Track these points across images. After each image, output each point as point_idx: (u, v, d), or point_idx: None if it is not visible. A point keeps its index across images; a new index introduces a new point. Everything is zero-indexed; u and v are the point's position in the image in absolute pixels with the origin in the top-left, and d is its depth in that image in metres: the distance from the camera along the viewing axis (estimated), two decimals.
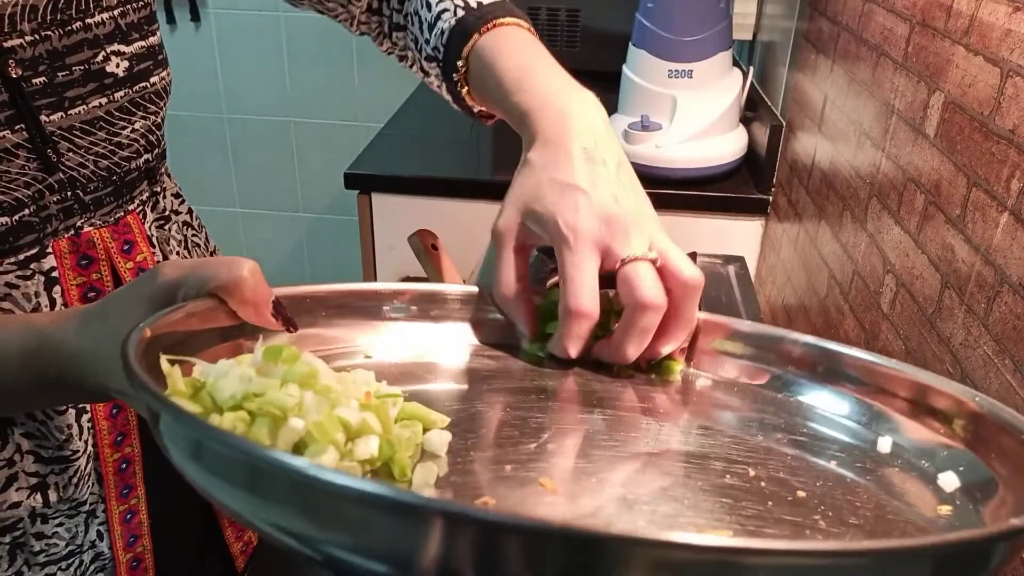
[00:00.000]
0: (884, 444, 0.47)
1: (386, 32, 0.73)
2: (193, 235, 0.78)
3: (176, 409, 0.33)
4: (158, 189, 0.72)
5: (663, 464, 0.44)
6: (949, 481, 0.43)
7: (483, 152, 1.69)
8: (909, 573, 0.29)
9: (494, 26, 0.62)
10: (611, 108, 1.52)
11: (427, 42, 0.67)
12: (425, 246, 0.75)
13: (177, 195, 0.76)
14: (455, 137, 1.72)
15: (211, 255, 0.81)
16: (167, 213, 0.73)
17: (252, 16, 2.66)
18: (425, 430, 0.43)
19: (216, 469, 0.33)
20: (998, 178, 0.64)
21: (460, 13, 0.64)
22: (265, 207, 2.98)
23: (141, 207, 0.68)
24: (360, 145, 1.62)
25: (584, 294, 0.49)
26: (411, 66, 0.73)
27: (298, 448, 0.37)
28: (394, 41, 0.73)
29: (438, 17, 0.65)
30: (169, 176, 0.76)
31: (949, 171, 0.73)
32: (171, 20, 2.66)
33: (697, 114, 1.40)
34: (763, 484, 0.42)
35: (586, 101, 0.55)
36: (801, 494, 0.42)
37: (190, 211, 0.78)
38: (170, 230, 0.73)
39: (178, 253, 0.74)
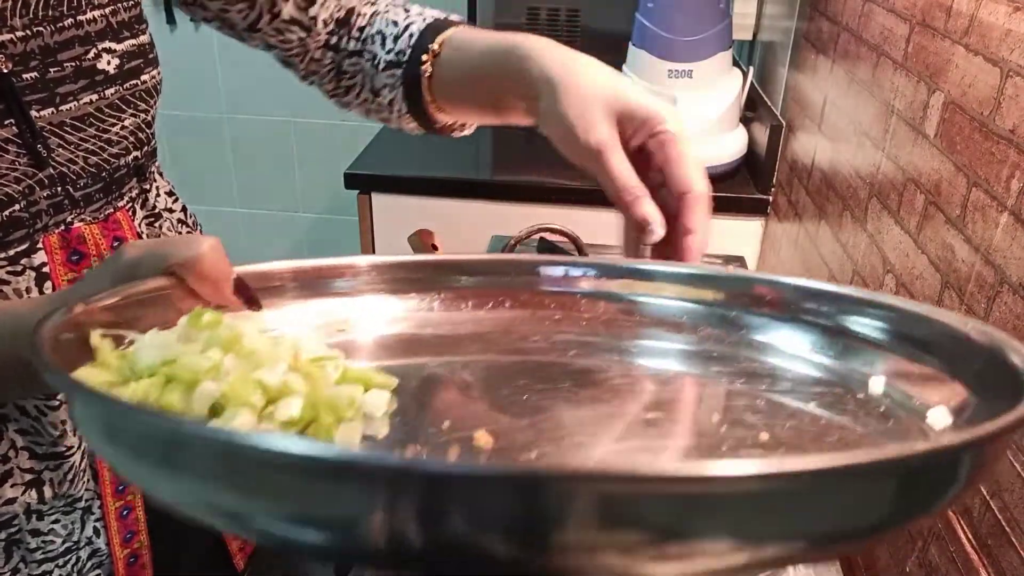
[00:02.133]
0: (876, 384, 0.44)
1: (337, 66, 0.74)
2: (188, 233, 0.78)
3: (73, 383, 0.32)
4: (147, 187, 0.72)
5: (618, 413, 0.44)
6: (939, 418, 0.40)
7: (483, 152, 1.69)
8: (865, 489, 0.28)
9: (465, 26, 0.68)
10: None
11: (389, 51, 0.69)
12: (425, 246, 0.75)
13: (171, 193, 0.76)
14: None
15: None
16: (158, 211, 0.73)
17: None
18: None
19: (123, 441, 0.31)
20: (998, 178, 0.64)
21: (431, 20, 0.69)
22: (265, 207, 2.97)
23: (131, 204, 0.69)
24: (360, 145, 1.62)
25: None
26: (358, 94, 0.74)
27: (216, 412, 0.36)
28: (344, 70, 0.74)
29: (405, 28, 0.69)
30: (161, 175, 0.76)
31: (949, 171, 0.73)
32: (171, 20, 2.66)
33: (697, 114, 1.40)
34: (724, 429, 0.41)
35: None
36: (764, 436, 0.40)
37: (184, 209, 0.78)
38: (161, 228, 0.73)
39: None
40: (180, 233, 0.77)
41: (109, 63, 0.62)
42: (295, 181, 2.92)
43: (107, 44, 0.62)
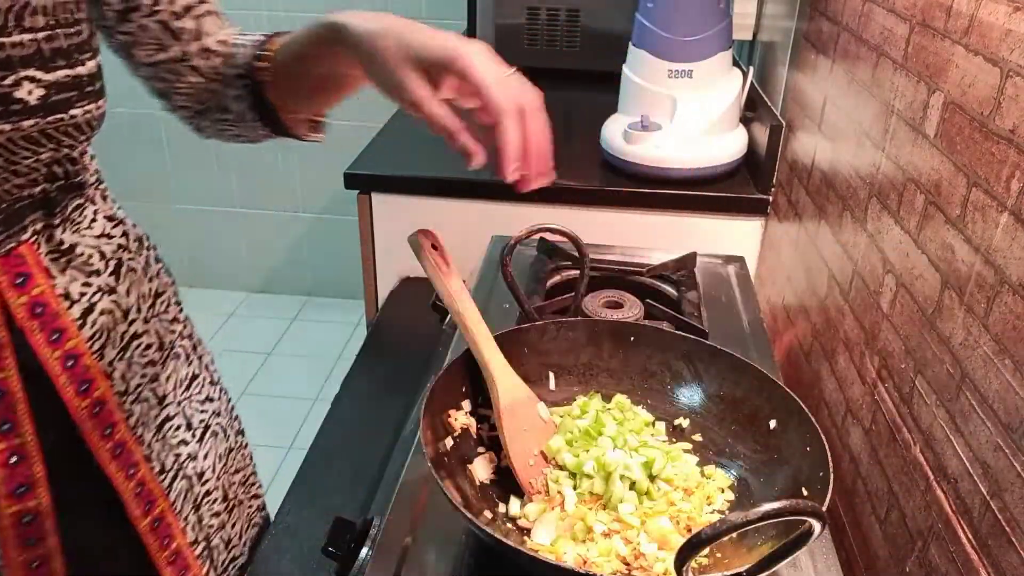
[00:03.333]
0: None
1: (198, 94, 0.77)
2: (130, 258, 0.73)
3: None
4: (56, 221, 0.66)
5: None
6: None
7: None
8: None
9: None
10: (611, 108, 1.52)
11: (232, 68, 0.74)
12: (424, 246, 0.75)
13: (111, 218, 0.72)
14: None
15: (150, 281, 0.77)
16: (68, 246, 0.67)
17: (252, 16, 2.65)
18: None
19: None
20: (998, 178, 0.64)
21: (270, 33, 0.75)
22: (265, 207, 2.97)
23: (35, 237, 0.63)
24: (360, 145, 1.62)
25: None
26: (208, 114, 0.78)
27: None
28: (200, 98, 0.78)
29: (244, 46, 0.74)
30: (105, 199, 0.72)
31: (949, 171, 0.73)
32: None
33: (697, 114, 1.40)
34: None
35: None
36: None
37: (126, 234, 0.73)
38: (72, 263, 0.67)
39: (99, 285, 0.69)
40: (121, 259, 0.72)
41: (31, 93, 0.57)
42: (295, 181, 2.92)
43: (32, 72, 0.56)
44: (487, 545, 0.71)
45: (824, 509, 0.59)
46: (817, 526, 0.54)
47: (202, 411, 0.80)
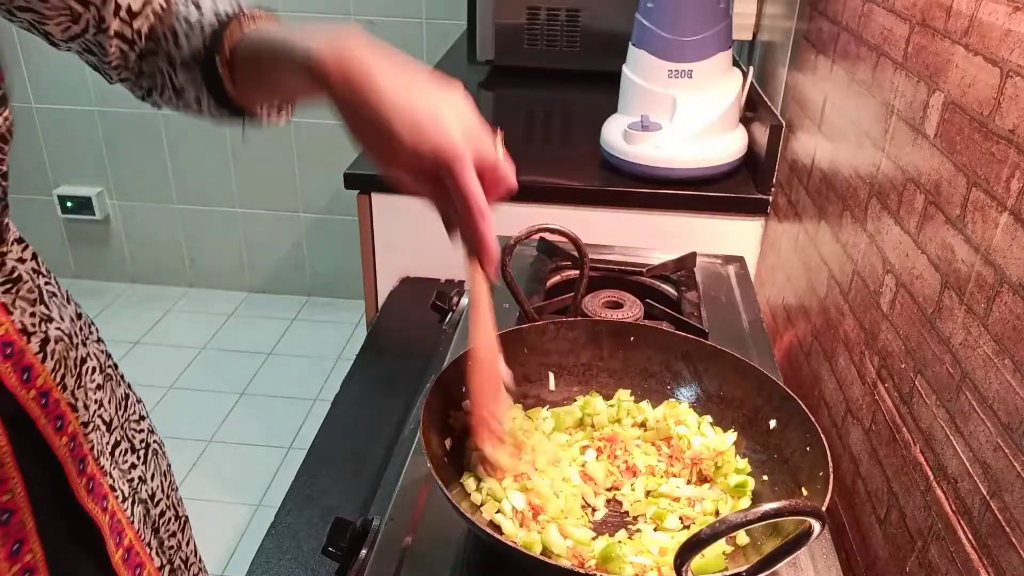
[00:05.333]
0: None
1: (137, 68, 0.73)
2: (46, 281, 0.66)
3: None
4: (5, 249, 0.60)
5: None
6: None
7: None
8: None
9: (255, 16, 0.71)
10: (611, 108, 1.52)
11: (184, 48, 0.70)
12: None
13: (20, 240, 0.64)
14: None
15: (68, 303, 0.69)
16: (18, 274, 0.61)
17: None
18: None
19: None
20: (998, 178, 0.64)
21: (222, 14, 0.71)
22: (265, 207, 2.97)
23: None
24: None
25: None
26: (162, 93, 0.73)
27: None
28: (142, 71, 0.73)
29: (199, 25, 0.70)
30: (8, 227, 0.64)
31: (949, 171, 0.73)
32: None
33: (697, 114, 1.40)
34: None
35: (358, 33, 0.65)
36: None
37: (35, 256, 0.66)
38: (19, 291, 0.61)
39: (41, 314, 0.63)
40: (40, 286, 0.64)
41: None
42: (295, 181, 2.92)
43: None
44: (487, 545, 0.71)
45: (824, 509, 0.59)
46: (817, 526, 0.54)
47: (139, 430, 0.75)
